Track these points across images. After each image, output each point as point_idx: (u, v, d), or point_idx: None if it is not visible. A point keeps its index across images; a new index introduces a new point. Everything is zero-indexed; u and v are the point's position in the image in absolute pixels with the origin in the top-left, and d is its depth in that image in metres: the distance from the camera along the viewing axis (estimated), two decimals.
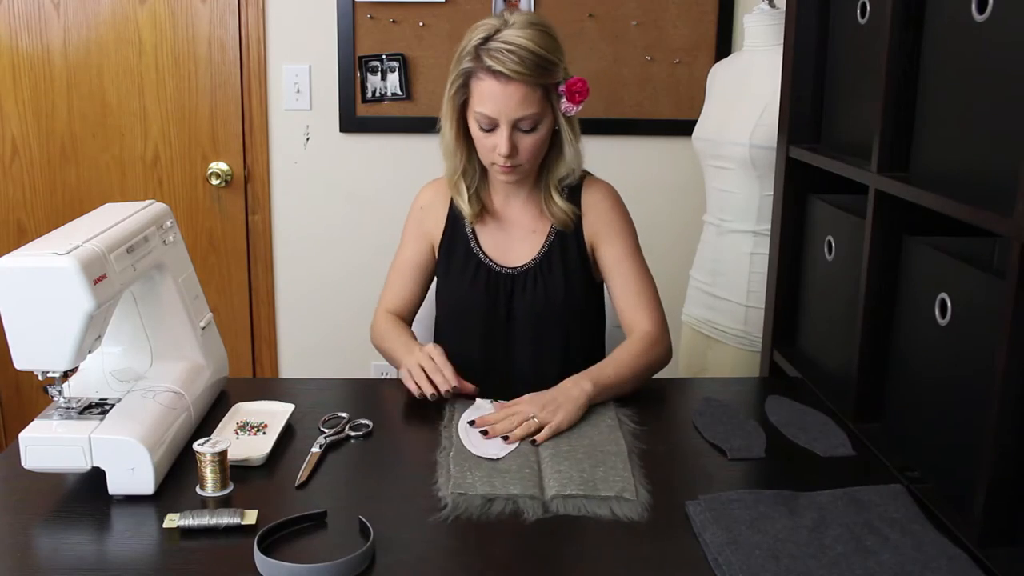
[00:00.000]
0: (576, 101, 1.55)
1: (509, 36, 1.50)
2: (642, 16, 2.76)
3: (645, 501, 1.22)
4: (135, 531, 1.13)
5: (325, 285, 2.95)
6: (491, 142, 1.56)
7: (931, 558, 1.07)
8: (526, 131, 1.54)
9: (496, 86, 1.50)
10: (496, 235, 1.70)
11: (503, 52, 1.48)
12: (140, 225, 1.35)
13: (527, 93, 1.51)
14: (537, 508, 1.19)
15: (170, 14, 2.76)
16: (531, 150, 1.56)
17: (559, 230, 1.67)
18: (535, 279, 1.66)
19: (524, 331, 1.68)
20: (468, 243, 1.69)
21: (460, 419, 1.45)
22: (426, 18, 2.74)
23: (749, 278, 2.04)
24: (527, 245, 1.69)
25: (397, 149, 2.85)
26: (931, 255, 1.28)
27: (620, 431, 1.42)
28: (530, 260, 1.67)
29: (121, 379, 1.38)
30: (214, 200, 2.89)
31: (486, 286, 1.68)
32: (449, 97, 1.59)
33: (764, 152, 1.95)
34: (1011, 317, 1.03)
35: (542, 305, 1.66)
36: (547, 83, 1.53)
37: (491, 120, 1.53)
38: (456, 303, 1.72)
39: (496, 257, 1.69)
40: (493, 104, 1.52)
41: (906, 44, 1.35)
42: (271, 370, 3.01)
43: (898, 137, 1.37)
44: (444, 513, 1.17)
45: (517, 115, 1.52)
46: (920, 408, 1.32)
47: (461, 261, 1.70)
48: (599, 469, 1.29)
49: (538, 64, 1.50)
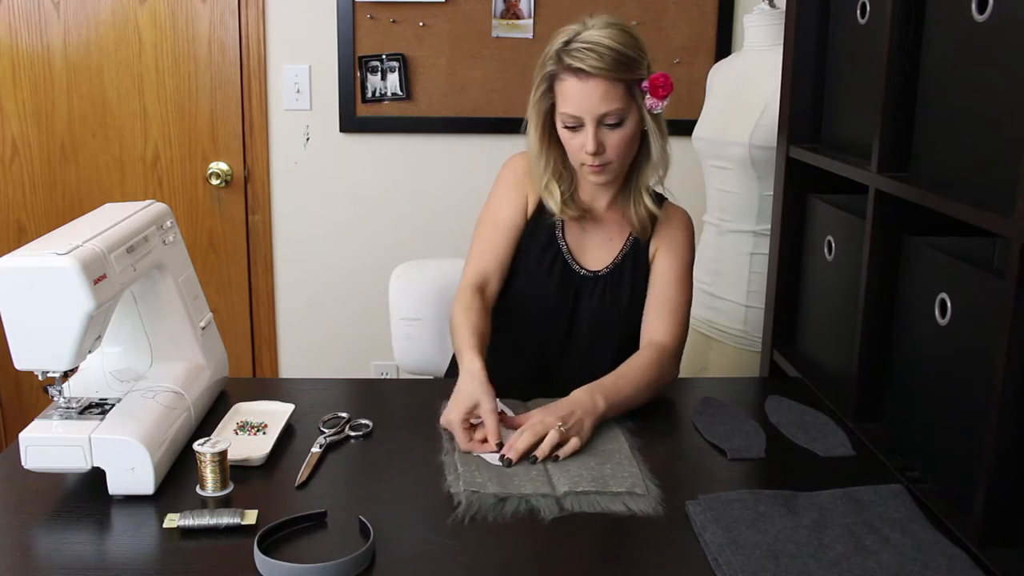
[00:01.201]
0: (660, 96, 1.54)
1: (589, 36, 1.50)
2: (642, 16, 2.76)
3: (656, 496, 1.22)
4: (135, 531, 1.13)
5: (325, 285, 2.95)
6: (578, 141, 1.55)
7: (931, 558, 1.07)
8: (611, 126, 1.53)
9: (577, 84, 1.50)
10: (580, 233, 1.68)
11: (583, 50, 1.49)
12: (140, 225, 1.35)
13: (608, 88, 1.50)
14: (552, 506, 1.19)
15: (170, 14, 2.76)
16: (618, 147, 1.55)
17: (636, 239, 1.66)
18: (605, 286, 1.65)
19: (582, 335, 1.66)
20: (554, 232, 1.67)
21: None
22: (426, 18, 2.74)
23: (749, 278, 2.04)
24: (606, 249, 1.67)
25: (397, 149, 2.85)
26: (931, 255, 1.28)
27: (618, 428, 1.42)
28: (605, 266, 1.66)
29: (121, 379, 1.38)
30: (214, 200, 2.89)
31: (560, 282, 1.65)
32: (534, 102, 1.58)
33: (764, 152, 1.95)
34: (1011, 317, 1.03)
35: (608, 312, 1.65)
36: (629, 79, 1.52)
37: (576, 119, 1.52)
38: (528, 289, 1.67)
39: (576, 255, 1.67)
40: (577, 102, 1.51)
41: (906, 44, 1.35)
42: (271, 370, 3.01)
43: (898, 137, 1.37)
44: (459, 512, 1.17)
45: (600, 111, 1.51)
46: (920, 408, 1.32)
47: (542, 247, 1.66)
48: (606, 466, 1.29)
49: (617, 60, 1.50)
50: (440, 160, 2.88)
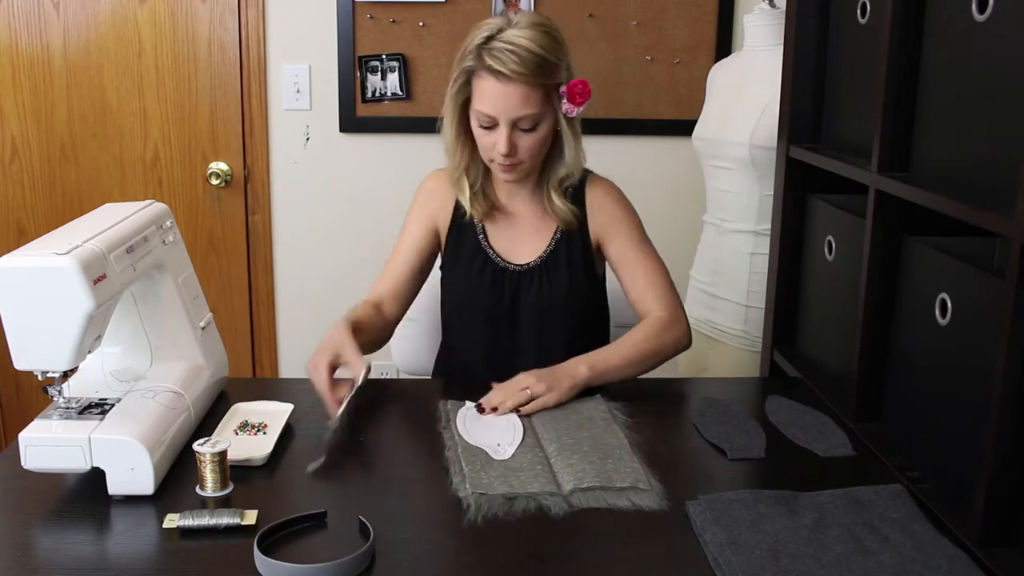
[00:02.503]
0: (577, 103, 1.55)
1: (511, 36, 1.50)
2: (642, 16, 2.76)
3: (659, 490, 1.23)
4: (135, 531, 1.13)
5: (325, 285, 2.95)
6: (491, 140, 1.56)
7: (931, 558, 1.07)
8: (525, 130, 1.55)
9: (496, 85, 1.51)
10: (504, 231, 1.70)
11: (504, 52, 1.49)
12: (140, 225, 1.35)
13: (527, 93, 1.51)
14: (560, 504, 1.20)
15: (170, 14, 2.76)
16: (530, 149, 1.57)
17: (564, 229, 1.68)
18: (541, 276, 1.67)
19: (528, 328, 1.68)
20: (476, 237, 1.69)
21: (456, 416, 1.45)
22: (426, 18, 2.74)
23: (749, 278, 2.04)
24: (533, 242, 1.69)
25: (397, 149, 2.85)
26: (931, 255, 1.28)
27: (615, 424, 1.43)
28: (536, 257, 1.68)
29: (121, 379, 1.38)
30: (214, 200, 2.89)
31: (492, 282, 1.68)
32: (451, 95, 1.59)
33: (764, 152, 1.95)
34: (1011, 317, 1.03)
35: (547, 302, 1.66)
36: (548, 84, 1.53)
37: (491, 119, 1.54)
38: (461, 297, 1.72)
39: (504, 253, 1.69)
40: (493, 103, 1.52)
41: (906, 44, 1.35)
42: (271, 370, 3.01)
43: (898, 137, 1.37)
44: (469, 515, 1.17)
45: (516, 115, 1.52)
46: (920, 408, 1.32)
47: (468, 255, 1.70)
48: (608, 461, 1.30)
49: (539, 65, 1.50)
50: (440, 160, 2.85)
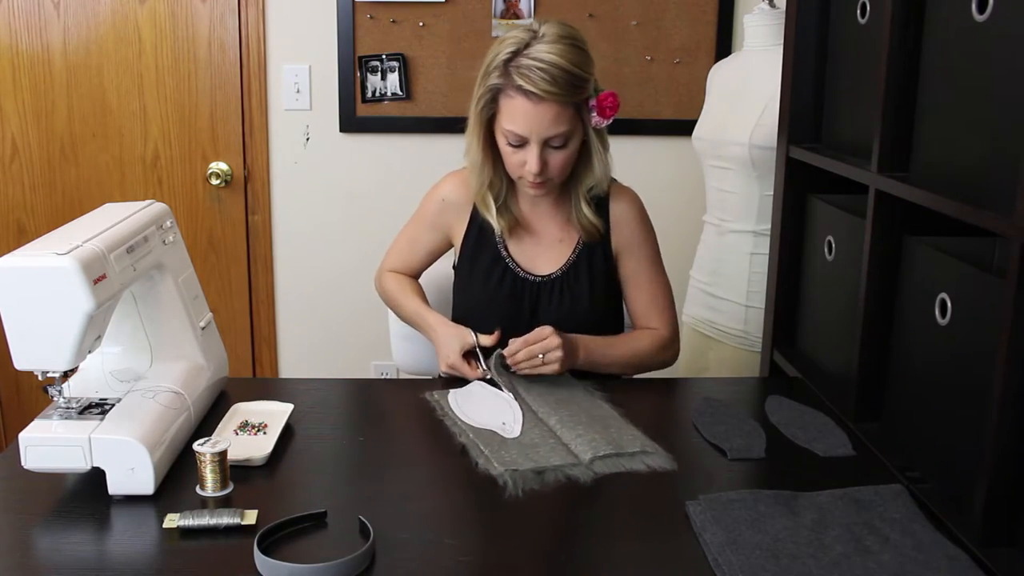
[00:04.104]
0: (607, 116, 1.52)
1: (539, 52, 1.46)
2: (642, 16, 2.76)
3: (664, 452, 1.32)
4: (135, 531, 1.13)
5: (325, 285, 2.95)
6: (519, 158, 1.53)
7: (931, 558, 1.07)
8: (556, 147, 1.52)
9: (527, 105, 1.47)
10: (525, 242, 1.68)
11: (533, 70, 1.45)
12: (140, 225, 1.35)
13: (559, 112, 1.48)
14: (586, 472, 1.27)
15: (170, 14, 2.76)
16: (560, 165, 1.55)
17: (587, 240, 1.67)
18: (562, 289, 1.66)
19: None
20: (496, 248, 1.67)
21: (450, 399, 1.50)
22: (426, 18, 2.74)
23: (749, 278, 2.04)
24: (555, 254, 1.67)
25: (397, 149, 2.85)
26: (931, 255, 1.28)
27: (596, 398, 1.50)
28: (557, 269, 1.66)
29: (121, 379, 1.38)
30: (214, 200, 2.89)
31: (511, 293, 1.66)
32: (475, 112, 1.57)
33: (764, 152, 1.95)
34: (1011, 317, 1.03)
35: (567, 314, 1.65)
36: (579, 100, 1.50)
37: (521, 138, 1.51)
38: (478, 307, 1.69)
39: (524, 264, 1.67)
40: (524, 123, 1.49)
41: (906, 44, 1.35)
42: (271, 370, 3.01)
43: (898, 137, 1.37)
44: (509, 491, 1.22)
45: (548, 134, 1.49)
46: (920, 408, 1.32)
47: (487, 265, 1.67)
48: (611, 430, 1.37)
49: (570, 82, 1.47)
50: (440, 160, 2.86)
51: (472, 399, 1.50)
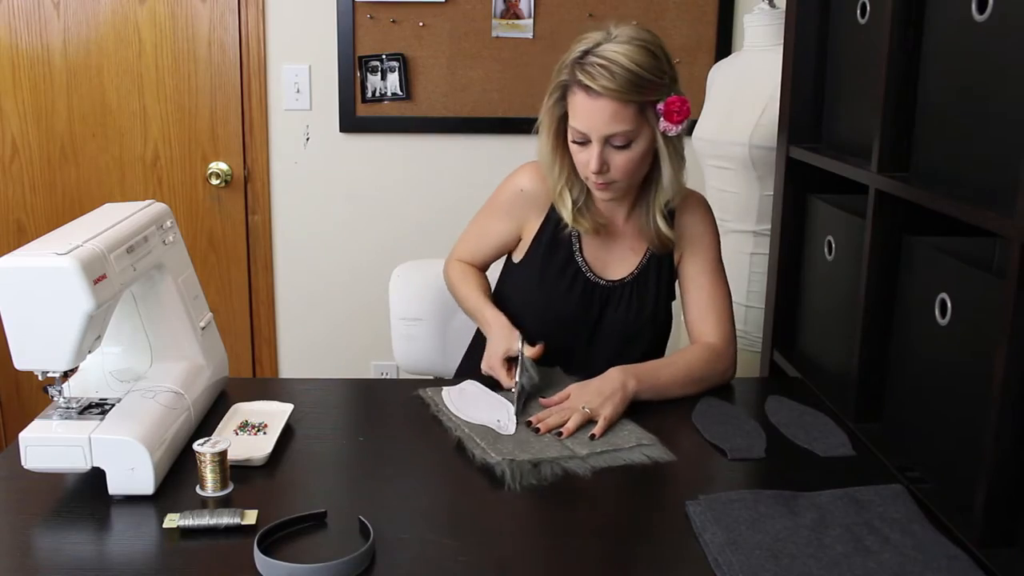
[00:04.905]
0: (675, 120, 1.48)
1: (606, 50, 1.46)
2: (642, 16, 2.75)
3: (659, 443, 1.34)
4: (135, 531, 1.13)
5: (325, 285, 2.95)
6: (584, 157, 1.52)
7: (931, 558, 1.07)
8: (619, 147, 1.50)
9: (587, 101, 1.47)
10: (599, 246, 1.66)
11: (596, 67, 1.45)
12: (140, 225, 1.35)
13: (618, 109, 1.46)
14: (582, 465, 1.28)
15: (170, 14, 2.76)
16: (624, 168, 1.51)
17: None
18: (630, 295, 1.64)
19: (608, 344, 1.66)
20: (570, 249, 1.65)
21: (444, 395, 1.51)
22: (426, 18, 2.74)
23: (749, 278, 2.04)
24: (626, 259, 1.66)
25: (397, 149, 2.85)
26: (931, 255, 1.28)
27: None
28: (627, 275, 1.65)
29: (121, 379, 1.38)
30: (214, 200, 2.89)
31: (581, 296, 1.64)
32: (547, 108, 1.56)
33: (764, 152, 1.95)
34: (1011, 317, 1.03)
35: (633, 321, 1.64)
36: (643, 100, 1.47)
37: (583, 135, 1.50)
38: (548, 308, 1.66)
39: (596, 268, 1.65)
40: (584, 119, 1.48)
41: (906, 44, 1.35)
42: (271, 370, 3.01)
43: (898, 137, 1.37)
44: (507, 482, 1.23)
45: (607, 131, 1.47)
46: (920, 408, 1.32)
47: (560, 266, 1.65)
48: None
49: (630, 81, 1.45)
50: (440, 160, 2.88)
51: (466, 397, 1.51)
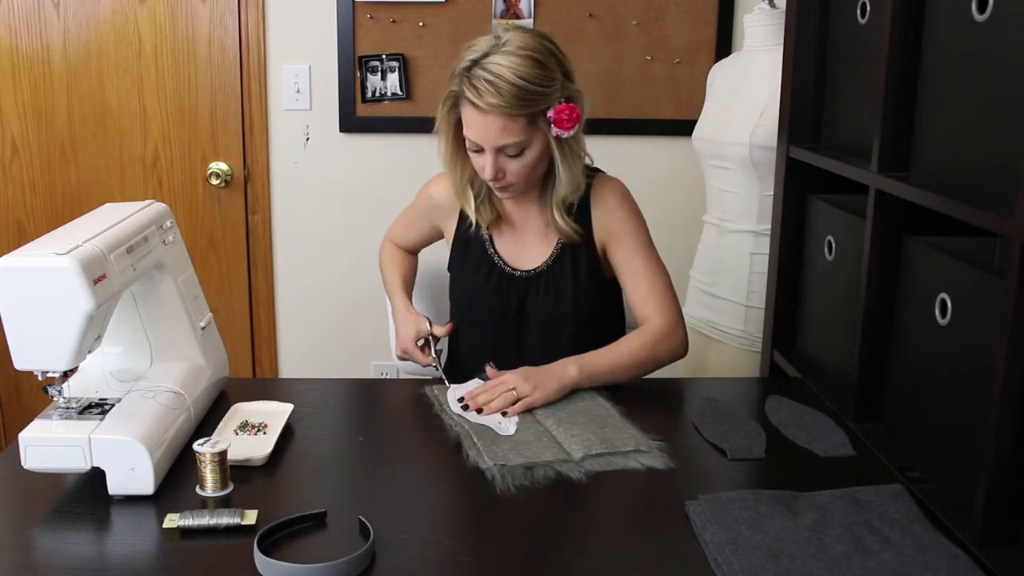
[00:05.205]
0: (565, 127, 1.51)
1: (492, 64, 1.46)
2: (642, 16, 2.76)
3: (660, 450, 1.32)
4: (135, 531, 1.13)
5: (325, 285, 2.95)
6: (480, 162, 1.56)
7: (931, 558, 1.07)
8: (512, 156, 1.53)
9: (476, 115, 1.49)
10: (510, 238, 1.70)
11: (482, 82, 1.46)
12: (140, 225, 1.35)
13: (506, 123, 1.48)
14: (576, 469, 1.28)
15: (170, 14, 2.76)
16: (519, 173, 1.55)
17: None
18: (547, 282, 1.67)
19: (535, 333, 1.69)
20: (483, 244, 1.70)
21: (450, 396, 1.51)
22: (426, 18, 2.74)
23: (749, 278, 2.04)
24: (539, 248, 1.69)
25: (397, 149, 2.85)
26: (931, 255, 1.28)
27: (599, 397, 1.50)
28: (542, 263, 1.67)
29: (121, 379, 1.38)
30: (214, 200, 2.89)
31: (498, 288, 1.68)
32: (442, 115, 1.58)
33: (764, 152, 1.95)
34: (1011, 317, 1.03)
35: (553, 307, 1.66)
36: (531, 112, 1.49)
37: (477, 144, 1.53)
38: (469, 303, 1.73)
39: (510, 259, 1.69)
40: (475, 132, 1.51)
41: (906, 44, 1.35)
42: (271, 370, 3.01)
43: (898, 137, 1.37)
44: (497, 486, 1.23)
45: (498, 143, 1.50)
46: (920, 408, 1.32)
47: (475, 261, 1.70)
48: (606, 429, 1.38)
49: (516, 96, 1.46)
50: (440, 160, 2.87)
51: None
